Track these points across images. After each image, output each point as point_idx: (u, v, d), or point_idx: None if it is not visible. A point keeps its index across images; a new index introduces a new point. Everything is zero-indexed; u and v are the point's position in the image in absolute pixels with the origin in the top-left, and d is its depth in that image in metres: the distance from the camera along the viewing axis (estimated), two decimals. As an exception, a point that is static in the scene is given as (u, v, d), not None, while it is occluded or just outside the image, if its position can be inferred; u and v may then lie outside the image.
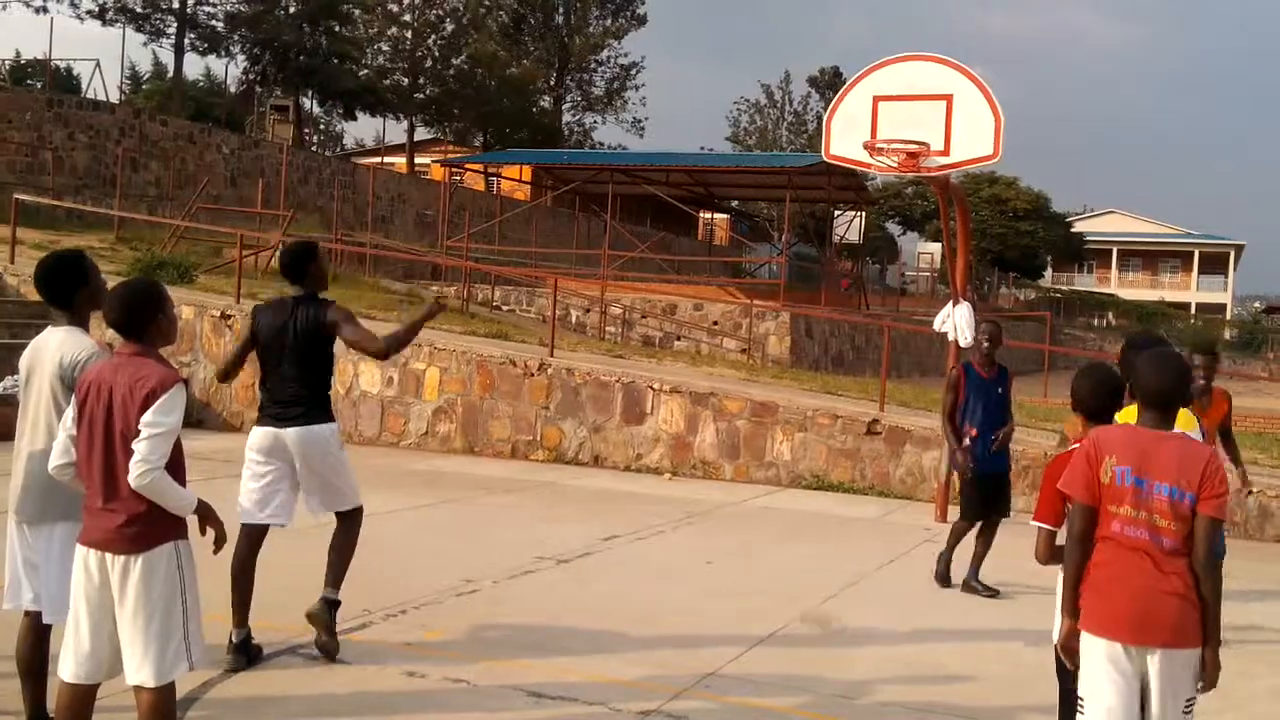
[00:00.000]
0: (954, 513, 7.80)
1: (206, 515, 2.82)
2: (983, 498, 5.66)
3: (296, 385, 3.95)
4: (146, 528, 2.70)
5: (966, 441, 5.63)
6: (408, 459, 9.28)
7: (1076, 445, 2.88)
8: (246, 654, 3.90)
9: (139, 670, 2.71)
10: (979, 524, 5.73)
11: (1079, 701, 2.61)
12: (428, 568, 5.51)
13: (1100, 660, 2.53)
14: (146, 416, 2.66)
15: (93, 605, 2.73)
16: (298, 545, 6.01)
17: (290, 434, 3.93)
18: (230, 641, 3.87)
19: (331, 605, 4.01)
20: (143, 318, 2.77)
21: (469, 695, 3.80)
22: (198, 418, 10.32)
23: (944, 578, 5.78)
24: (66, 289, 3.03)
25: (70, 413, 2.79)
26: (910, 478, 8.64)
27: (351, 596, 4.86)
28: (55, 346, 3.02)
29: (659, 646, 4.44)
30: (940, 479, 7.79)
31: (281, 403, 3.96)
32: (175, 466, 2.74)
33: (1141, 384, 2.60)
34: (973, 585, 5.67)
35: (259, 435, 4.00)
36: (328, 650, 3.98)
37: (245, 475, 4.03)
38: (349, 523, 4.13)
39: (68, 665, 2.77)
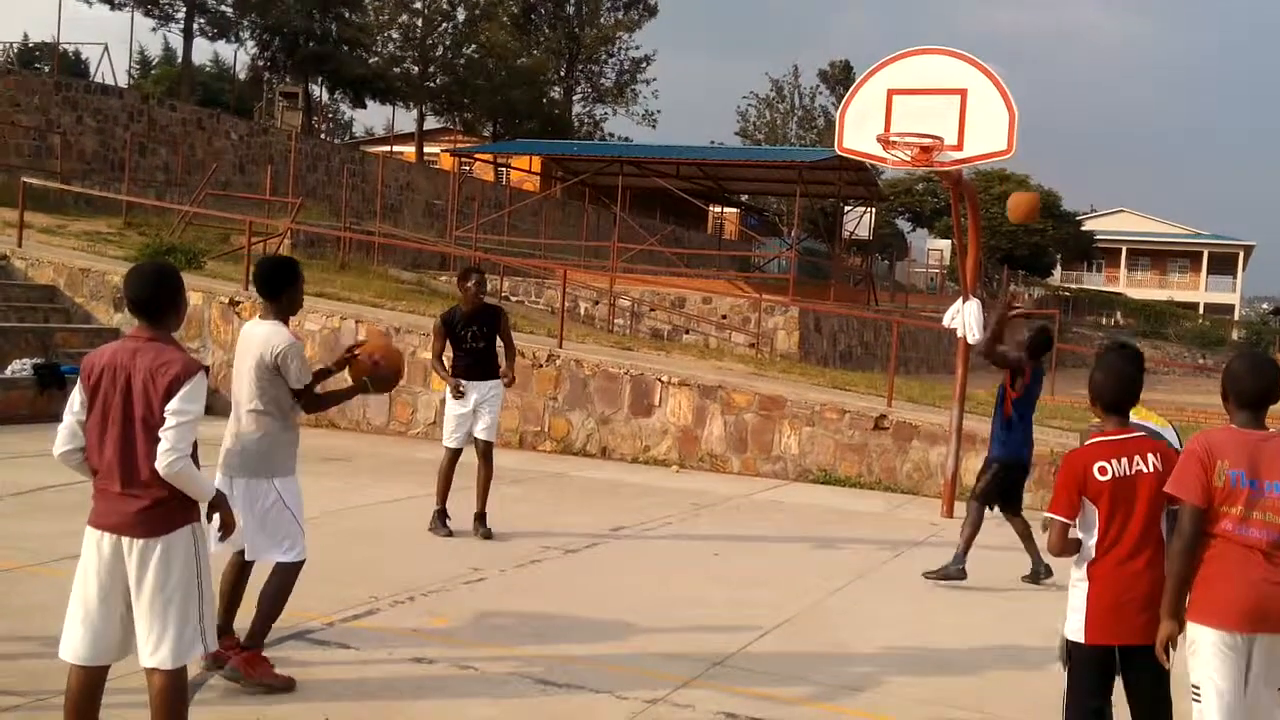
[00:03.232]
0: (964, 508, 7.79)
1: (219, 504, 2.81)
2: (1003, 485, 5.85)
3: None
4: (167, 512, 2.70)
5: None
6: (415, 448, 9.29)
7: (1100, 439, 2.86)
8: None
9: (155, 653, 2.70)
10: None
11: (1194, 690, 2.69)
12: (435, 556, 5.52)
13: (1214, 649, 2.63)
14: (173, 404, 2.66)
15: (105, 588, 2.72)
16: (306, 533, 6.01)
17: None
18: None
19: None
20: (167, 299, 2.76)
21: (476, 682, 3.81)
22: (206, 404, 10.31)
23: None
24: (278, 286, 3.68)
25: (77, 397, 2.76)
26: (917, 473, 8.62)
27: (359, 583, 4.88)
28: (262, 337, 3.63)
29: (666, 636, 4.44)
30: (947, 475, 7.76)
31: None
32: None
33: (1237, 385, 2.71)
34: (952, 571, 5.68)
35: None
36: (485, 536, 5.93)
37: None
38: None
39: (77, 647, 2.76)
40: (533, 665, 3.95)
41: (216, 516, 2.85)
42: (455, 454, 6.05)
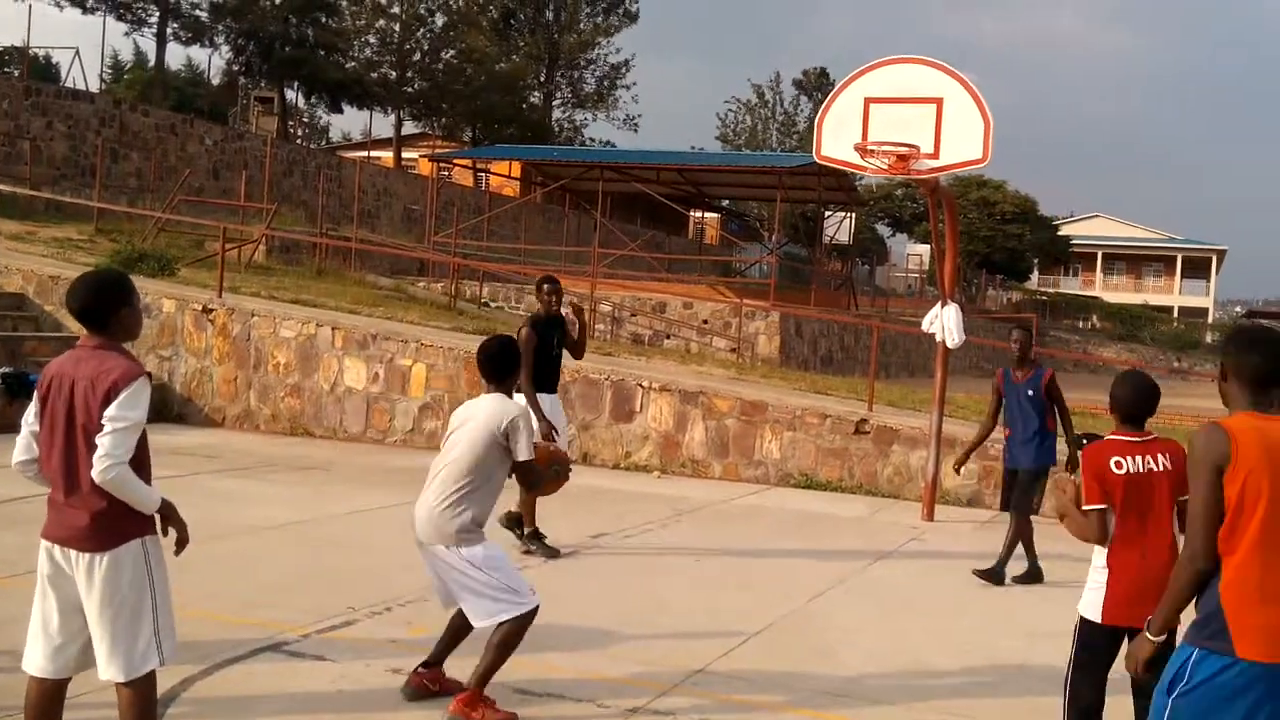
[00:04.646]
0: (944, 512, 7.84)
1: (169, 515, 2.74)
2: (1006, 491, 6.10)
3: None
4: (110, 525, 2.65)
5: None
6: (393, 456, 9.20)
7: (1118, 439, 3.10)
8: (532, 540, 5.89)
9: (108, 666, 2.67)
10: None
11: None
12: (413, 565, 5.42)
13: None
14: (110, 411, 2.60)
15: (62, 600, 2.69)
16: (281, 542, 5.94)
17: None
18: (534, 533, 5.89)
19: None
20: (107, 307, 2.70)
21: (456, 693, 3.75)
22: (179, 413, 10.18)
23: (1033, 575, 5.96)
24: (506, 368, 3.72)
25: (32, 408, 2.74)
26: (898, 477, 8.66)
27: (336, 594, 4.81)
28: (493, 410, 3.61)
29: (647, 644, 4.42)
30: (927, 478, 7.81)
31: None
32: (139, 463, 2.68)
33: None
34: (991, 573, 5.88)
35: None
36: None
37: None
38: None
39: (35, 660, 2.72)
40: (512, 674, 3.91)
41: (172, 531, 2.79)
42: None
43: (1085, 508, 3.03)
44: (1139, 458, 3.01)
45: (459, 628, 3.72)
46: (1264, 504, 2.18)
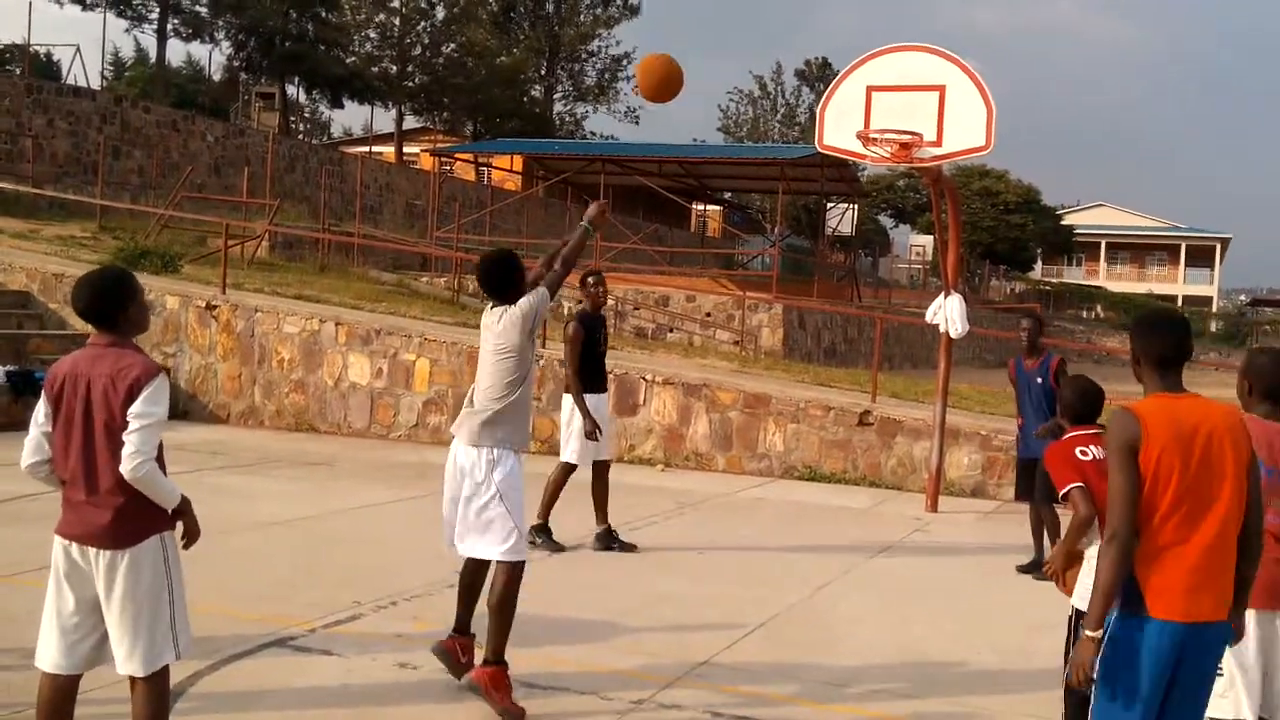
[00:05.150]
0: (948, 503, 7.84)
1: (185, 510, 2.78)
2: (1020, 480, 6.12)
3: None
4: (131, 523, 2.68)
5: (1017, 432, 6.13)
6: (398, 451, 9.23)
7: (1076, 433, 3.20)
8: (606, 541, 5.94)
9: (128, 660, 2.70)
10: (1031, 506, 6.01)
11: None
12: (419, 560, 5.47)
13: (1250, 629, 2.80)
14: (135, 408, 2.63)
15: (78, 596, 2.71)
16: (286, 538, 5.96)
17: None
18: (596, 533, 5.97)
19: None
20: (112, 305, 2.71)
21: (461, 686, 3.77)
22: (183, 409, 10.21)
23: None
24: (507, 280, 3.76)
25: (42, 408, 2.74)
26: (901, 468, 8.66)
27: (342, 589, 4.84)
28: (504, 313, 3.76)
29: (651, 636, 4.43)
30: (931, 470, 7.80)
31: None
32: (157, 459, 2.70)
33: (1262, 380, 2.91)
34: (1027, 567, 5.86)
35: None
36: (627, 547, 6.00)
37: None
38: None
39: (50, 656, 2.74)
40: (517, 667, 3.92)
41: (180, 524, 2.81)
42: (573, 470, 5.92)
43: (1064, 489, 3.08)
44: (1100, 447, 3.13)
45: (470, 586, 3.80)
46: (1176, 479, 2.34)
